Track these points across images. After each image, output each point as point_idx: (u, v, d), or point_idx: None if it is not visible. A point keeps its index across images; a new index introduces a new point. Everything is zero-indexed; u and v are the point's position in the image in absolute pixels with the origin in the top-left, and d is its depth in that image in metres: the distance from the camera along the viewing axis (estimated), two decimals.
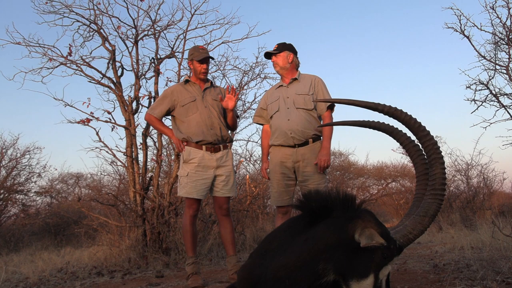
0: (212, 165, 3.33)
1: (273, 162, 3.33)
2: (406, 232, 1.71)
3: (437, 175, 1.73)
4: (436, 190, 1.72)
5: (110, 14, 5.31)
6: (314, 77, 3.41)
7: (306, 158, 3.23)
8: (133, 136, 5.18)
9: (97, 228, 5.43)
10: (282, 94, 3.36)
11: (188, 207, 3.32)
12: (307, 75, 3.44)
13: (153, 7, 5.81)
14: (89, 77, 5.22)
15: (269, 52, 3.38)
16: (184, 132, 3.36)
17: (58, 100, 5.07)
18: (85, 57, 5.25)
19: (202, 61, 3.39)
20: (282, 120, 3.27)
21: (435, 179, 1.73)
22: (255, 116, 3.55)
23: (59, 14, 5.22)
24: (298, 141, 3.23)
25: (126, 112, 5.17)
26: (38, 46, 5.19)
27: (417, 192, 1.85)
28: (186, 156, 3.34)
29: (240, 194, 7.11)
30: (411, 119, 1.75)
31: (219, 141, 3.38)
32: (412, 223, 1.71)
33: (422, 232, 1.72)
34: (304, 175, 3.22)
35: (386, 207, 11.91)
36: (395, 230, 1.74)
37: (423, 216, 1.71)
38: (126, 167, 5.19)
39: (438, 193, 1.72)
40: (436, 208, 1.71)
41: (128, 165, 5.13)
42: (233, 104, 3.33)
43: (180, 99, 3.40)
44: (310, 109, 3.28)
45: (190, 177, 3.30)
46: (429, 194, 1.73)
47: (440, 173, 1.74)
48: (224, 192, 3.37)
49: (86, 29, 5.34)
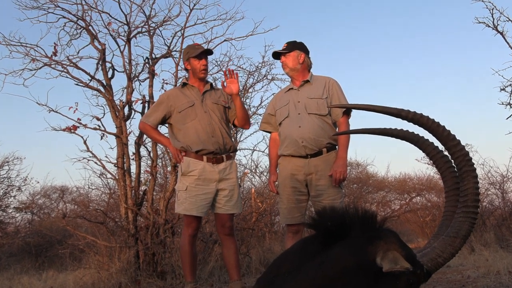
0: (214, 178, 3.34)
1: (283, 175, 3.33)
2: (434, 255, 1.70)
3: (469, 190, 1.72)
4: (468, 207, 1.72)
5: (99, 10, 5.37)
6: (328, 79, 3.41)
7: (319, 170, 3.22)
8: (125, 145, 5.20)
9: (83, 248, 5.43)
10: (292, 98, 3.36)
11: (186, 226, 3.32)
12: (320, 76, 3.45)
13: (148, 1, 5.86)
14: (76, 80, 5.27)
15: (278, 51, 3.40)
16: (182, 141, 3.37)
17: (41, 105, 5.11)
18: (71, 57, 5.31)
19: (199, 56, 3.42)
20: (293, 127, 3.27)
21: (467, 195, 1.72)
22: (262, 123, 3.56)
23: (43, 10, 5.29)
24: (311, 151, 3.23)
25: (117, 118, 5.21)
26: (20, 45, 5.25)
27: (447, 209, 1.84)
28: (184, 168, 3.35)
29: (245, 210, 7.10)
30: (439, 126, 1.74)
31: (221, 151, 3.39)
32: (441, 245, 1.70)
33: (453, 255, 1.71)
34: (317, 189, 3.22)
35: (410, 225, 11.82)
36: (422, 253, 1.73)
37: (453, 237, 1.69)
38: (116, 179, 5.21)
39: (471, 210, 1.71)
40: (469, 227, 1.70)
41: (119, 177, 5.15)
42: (237, 87, 3.36)
43: (177, 105, 3.42)
44: (323, 115, 3.28)
45: (189, 191, 3.31)
46: (460, 211, 1.72)
47: (473, 188, 1.73)
48: (228, 208, 3.37)
49: (73, 26, 5.39)
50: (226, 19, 5.76)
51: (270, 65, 6.47)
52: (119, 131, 5.21)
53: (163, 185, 6.06)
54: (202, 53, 3.43)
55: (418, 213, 11.20)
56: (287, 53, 3.38)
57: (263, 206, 7.32)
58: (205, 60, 3.46)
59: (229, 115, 3.57)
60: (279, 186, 3.37)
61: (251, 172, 8.27)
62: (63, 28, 5.38)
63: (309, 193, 3.29)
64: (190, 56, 3.44)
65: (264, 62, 6.50)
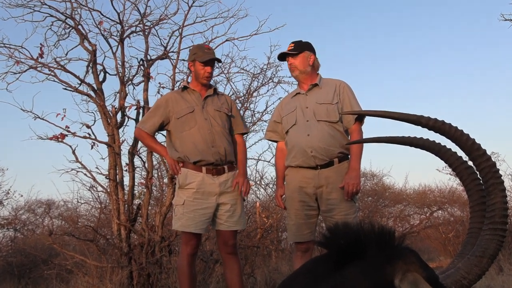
0: (214, 191, 3.34)
1: (290, 188, 3.33)
2: (459, 276, 1.69)
3: (496, 205, 1.71)
4: (495, 224, 1.71)
5: (90, 7, 5.41)
6: (338, 82, 3.42)
7: (331, 182, 3.22)
8: (118, 155, 5.22)
9: (71, 269, 5.43)
10: (300, 103, 3.37)
11: (185, 244, 3.32)
12: (330, 79, 3.46)
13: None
14: (64, 84, 5.30)
15: (286, 52, 3.40)
16: (180, 151, 3.38)
17: (26, 112, 5.14)
18: (59, 59, 5.34)
19: (206, 63, 3.42)
20: (301, 136, 3.27)
21: (494, 210, 1.71)
22: (268, 132, 3.57)
23: (28, 8, 5.32)
24: (321, 161, 3.22)
25: (109, 125, 5.23)
26: (3, 47, 5.30)
27: (472, 225, 1.83)
28: (182, 180, 3.36)
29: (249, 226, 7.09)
30: (462, 135, 1.74)
31: (222, 162, 3.39)
32: (467, 265, 1.69)
33: (480, 277, 1.70)
34: (328, 203, 3.21)
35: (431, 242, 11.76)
36: (446, 274, 1.72)
37: (480, 257, 1.68)
38: (108, 193, 5.22)
39: (499, 227, 1.70)
40: (497, 246, 1.69)
41: (111, 190, 5.16)
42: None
43: (176, 110, 3.43)
44: (334, 122, 3.28)
45: (186, 206, 3.31)
46: (487, 228, 1.71)
47: (501, 202, 1.72)
48: (230, 225, 3.37)
49: (61, 25, 5.43)
50: (228, 17, 5.79)
51: (276, 67, 6.47)
52: (111, 140, 5.23)
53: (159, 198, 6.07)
54: (209, 60, 3.43)
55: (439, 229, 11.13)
56: (296, 54, 3.39)
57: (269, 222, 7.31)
58: (210, 68, 3.46)
59: (233, 124, 3.59)
60: (286, 200, 3.36)
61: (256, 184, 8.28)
62: (50, 28, 5.43)
63: (319, 208, 3.29)
64: (196, 59, 3.45)
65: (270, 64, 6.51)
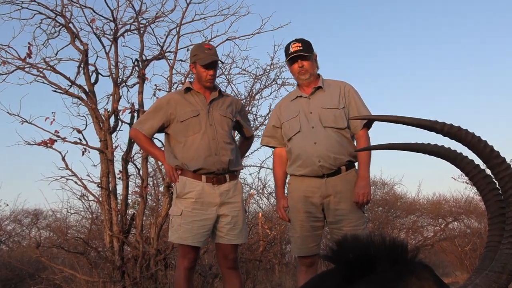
0: (214, 202, 3.33)
1: (295, 198, 3.32)
2: None
3: None
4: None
5: (81, 4, 5.46)
6: (343, 84, 3.41)
7: (338, 191, 3.22)
8: (110, 161, 5.23)
9: (60, 284, 5.43)
10: (302, 108, 3.34)
11: (182, 257, 3.31)
12: (332, 81, 3.45)
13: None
14: (53, 85, 5.32)
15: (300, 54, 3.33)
16: (180, 158, 3.36)
17: (13, 115, 5.17)
18: (49, 59, 5.37)
19: (208, 66, 3.41)
20: (307, 144, 3.25)
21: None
22: (265, 137, 3.53)
23: (16, 4, 5.36)
24: (328, 170, 3.22)
25: (102, 130, 5.25)
26: None
27: (490, 238, 1.83)
28: (180, 189, 3.35)
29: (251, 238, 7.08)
30: (480, 142, 1.74)
31: (224, 171, 3.39)
32: (485, 281, 1.69)
33: None
34: (336, 214, 3.21)
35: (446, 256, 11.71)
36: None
37: (499, 273, 1.68)
38: (100, 202, 5.23)
39: None
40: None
41: (103, 199, 5.17)
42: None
43: (179, 113, 3.41)
44: (342, 128, 3.28)
45: (184, 217, 3.31)
46: (506, 242, 1.71)
47: None
48: (231, 238, 3.36)
49: (51, 23, 5.47)
50: (229, 15, 5.82)
51: (280, 68, 6.50)
52: (103, 146, 5.24)
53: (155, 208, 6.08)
54: (211, 63, 3.39)
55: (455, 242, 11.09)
56: (308, 57, 3.33)
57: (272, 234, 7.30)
58: (213, 70, 3.43)
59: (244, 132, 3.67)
60: (290, 211, 3.34)
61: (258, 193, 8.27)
62: (39, 26, 5.46)
63: (325, 219, 3.28)
64: (197, 61, 3.41)
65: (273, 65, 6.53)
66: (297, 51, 3.33)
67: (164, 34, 5.67)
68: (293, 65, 3.38)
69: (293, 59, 3.36)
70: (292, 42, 3.39)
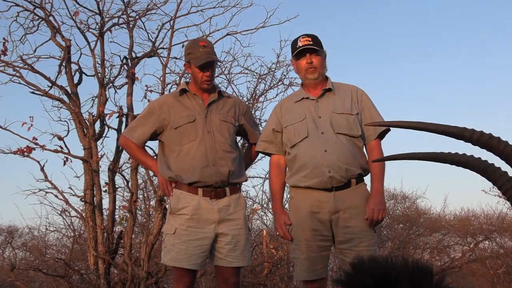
0: (212, 218, 3.32)
1: (299, 213, 3.29)
2: None
3: None
4: None
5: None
6: (354, 88, 3.42)
7: (349, 206, 3.21)
8: (95, 172, 5.24)
9: None
10: (309, 111, 3.33)
11: (176, 281, 3.31)
12: (342, 84, 3.45)
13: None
14: (31, 86, 5.34)
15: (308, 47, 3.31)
16: (174, 169, 3.36)
17: None
18: (26, 57, 5.40)
19: (204, 66, 3.38)
20: (316, 152, 3.23)
21: None
22: (261, 142, 3.47)
23: None
24: (338, 183, 3.21)
25: (86, 137, 5.26)
26: None
27: None
28: (173, 204, 3.35)
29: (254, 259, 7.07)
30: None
31: (223, 184, 3.38)
32: None
33: None
34: (347, 232, 3.20)
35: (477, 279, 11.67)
36: None
37: None
38: (83, 218, 5.23)
39: None
40: None
41: (86, 215, 5.17)
42: None
43: (173, 118, 3.41)
44: (355, 136, 3.28)
45: (178, 235, 3.30)
46: None
47: None
48: (232, 260, 3.35)
49: (29, 16, 5.50)
50: (229, 7, 5.84)
51: (287, 66, 6.51)
52: (87, 154, 5.25)
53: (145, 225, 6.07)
54: (207, 63, 3.37)
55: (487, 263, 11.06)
56: (318, 52, 3.33)
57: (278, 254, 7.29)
58: (210, 71, 3.41)
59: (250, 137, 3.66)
60: (293, 229, 3.32)
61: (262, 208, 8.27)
62: (16, 19, 5.50)
63: (333, 238, 3.27)
64: (191, 61, 3.39)
65: (279, 63, 6.55)
66: (306, 45, 3.31)
67: (156, 29, 5.71)
68: (300, 60, 3.37)
69: (300, 54, 3.34)
70: (300, 36, 3.38)
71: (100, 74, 5.44)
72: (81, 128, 5.28)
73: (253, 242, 7.43)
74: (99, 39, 5.50)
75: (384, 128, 3.33)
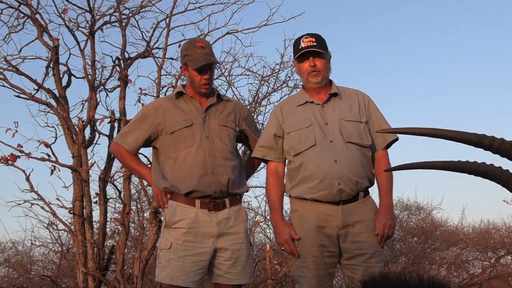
0: (211, 232, 3.32)
1: (305, 227, 3.26)
2: None
3: None
4: None
5: None
6: (360, 93, 3.44)
7: (358, 220, 3.20)
8: (85, 182, 5.24)
9: None
10: (315, 117, 3.32)
11: None
12: (347, 89, 3.46)
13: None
14: (16, 89, 5.34)
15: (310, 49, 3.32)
16: (170, 177, 3.36)
17: None
18: (11, 57, 5.42)
19: (202, 69, 3.37)
20: (325, 162, 3.21)
21: None
22: (260, 148, 3.44)
23: None
24: (347, 196, 3.20)
25: (75, 144, 5.26)
26: None
27: None
28: (169, 217, 3.34)
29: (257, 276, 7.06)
30: None
31: (222, 194, 3.38)
32: None
33: None
34: (356, 247, 3.19)
35: None
36: None
37: None
38: (72, 232, 5.23)
39: None
40: None
41: (75, 229, 5.16)
42: None
43: (168, 123, 3.40)
44: (366, 146, 3.28)
45: (174, 251, 3.29)
46: None
47: None
48: (232, 277, 3.35)
49: (13, 13, 5.52)
50: (230, 4, 5.85)
51: (292, 67, 6.50)
52: (76, 163, 5.25)
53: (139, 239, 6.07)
54: (205, 66, 3.36)
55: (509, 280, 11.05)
56: (322, 54, 3.33)
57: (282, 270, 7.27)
58: (208, 74, 3.41)
59: (251, 144, 3.61)
60: (298, 245, 3.28)
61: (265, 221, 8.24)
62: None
63: (340, 254, 3.26)
64: (188, 63, 3.39)
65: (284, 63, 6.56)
66: (309, 46, 3.31)
67: (151, 27, 5.72)
68: (303, 63, 3.36)
69: (303, 56, 3.34)
70: (303, 36, 3.38)
71: (91, 76, 5.45)
72: (70, 134, 5.28)
73: (255, 258, 7.42)
74: (89, 39, 5.51)
75: (394, 137, 3.35)
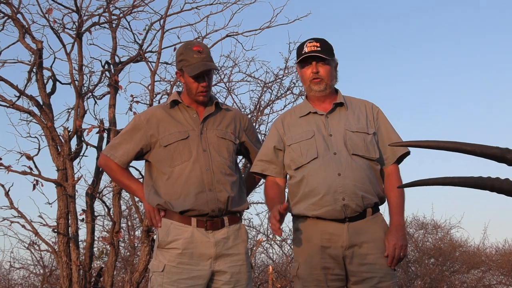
0: (208, 253, 3.31)
1: (308, 248, 3.26)
2: None
3: None
4: None
5: None
6: (369, 104, 3.45)
7: (366, 240, 3.20)
8: (71, 198, 5.23)
9: None
10: (318, 128, 3.33)
11: None
12: (353, 98, 3.48)
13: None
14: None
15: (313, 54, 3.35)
16: (163, 194, 3.36)
17: None
18: None
19: (199, 76, 3.37)
20: (328, 175, 3.20)
21: None
22: (259, 162, 3.44)
23: None
24: (353, 213, 3.20)
25: (60, 156, 5.26)
26: None
27: None
28: (162, 237, 3.34)
29: None
30: None
31: (221, 212, 3.37)
32: None
33: None
34: (365, 270, 3.18)
35: None
36: None
37: None
38: (56, 252, 5.22)
39: None
40: None
41: (59, 249, 5.16)
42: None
43: (162, 134, 3.40)
44: (373, 159, 3.28)
45: (168, 274, 3.28)
46: None
47: None
48: None
49: None
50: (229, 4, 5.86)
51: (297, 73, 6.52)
52: (61, 177, 5.25)
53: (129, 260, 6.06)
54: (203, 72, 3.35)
55: None
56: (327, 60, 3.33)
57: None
58: (206, 81, 3.39)
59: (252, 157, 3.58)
60: (301, 267, 3.29)
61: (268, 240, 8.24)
62: None
63: (347, 277, 3.25)
64: (183, 69, 3.38)
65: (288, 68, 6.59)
66: (312, 51, 3.31)
67: (144, 29, 5.74)
68: (305, 69, 3.36)
69: (305, 62, 3.35)
70: (307, 40, 3.38)
71: (78, 82, 5.45)
72: (55, 145, 5.28)
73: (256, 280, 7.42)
74: (76, 41, 5.52)
75: (405, 150, 3.35)
